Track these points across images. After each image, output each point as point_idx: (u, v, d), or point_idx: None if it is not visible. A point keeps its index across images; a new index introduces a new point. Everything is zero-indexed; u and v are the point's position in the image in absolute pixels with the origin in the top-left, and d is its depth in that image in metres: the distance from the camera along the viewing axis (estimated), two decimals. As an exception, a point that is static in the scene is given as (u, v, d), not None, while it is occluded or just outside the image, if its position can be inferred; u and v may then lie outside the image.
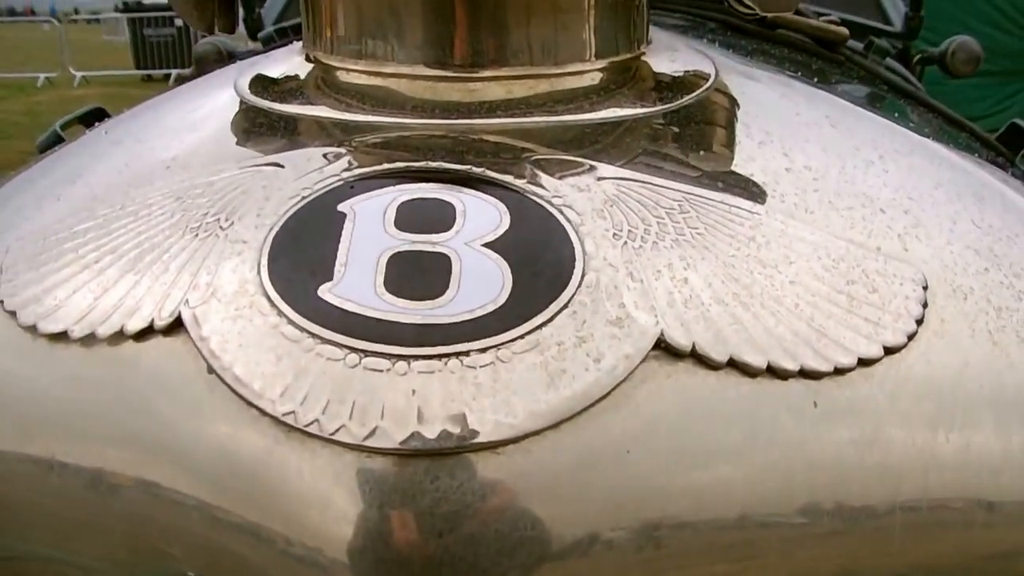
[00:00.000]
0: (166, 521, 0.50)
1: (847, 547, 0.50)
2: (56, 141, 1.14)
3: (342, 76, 0.67)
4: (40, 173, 0.73)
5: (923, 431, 0.52)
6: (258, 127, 0.66)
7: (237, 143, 0.66)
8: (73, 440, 0.52)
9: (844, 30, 1.20)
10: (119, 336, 0.52)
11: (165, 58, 14.68)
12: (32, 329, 0.54)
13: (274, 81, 0.72)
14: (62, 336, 0.53)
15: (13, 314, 0.56)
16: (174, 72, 14.50)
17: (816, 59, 1.19)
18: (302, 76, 0.71)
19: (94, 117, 1.21)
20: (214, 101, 0.72)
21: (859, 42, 1.52)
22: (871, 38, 1.57)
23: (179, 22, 14.42)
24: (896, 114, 1.06)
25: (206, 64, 1.65)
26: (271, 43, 1.43)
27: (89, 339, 0.53)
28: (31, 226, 0.62)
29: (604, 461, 0.47)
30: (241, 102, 0.69)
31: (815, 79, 1.06)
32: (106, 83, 14.18)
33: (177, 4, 0.65)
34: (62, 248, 0.58)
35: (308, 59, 0.71)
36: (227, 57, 1.63)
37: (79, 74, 14.46)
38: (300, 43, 0.76)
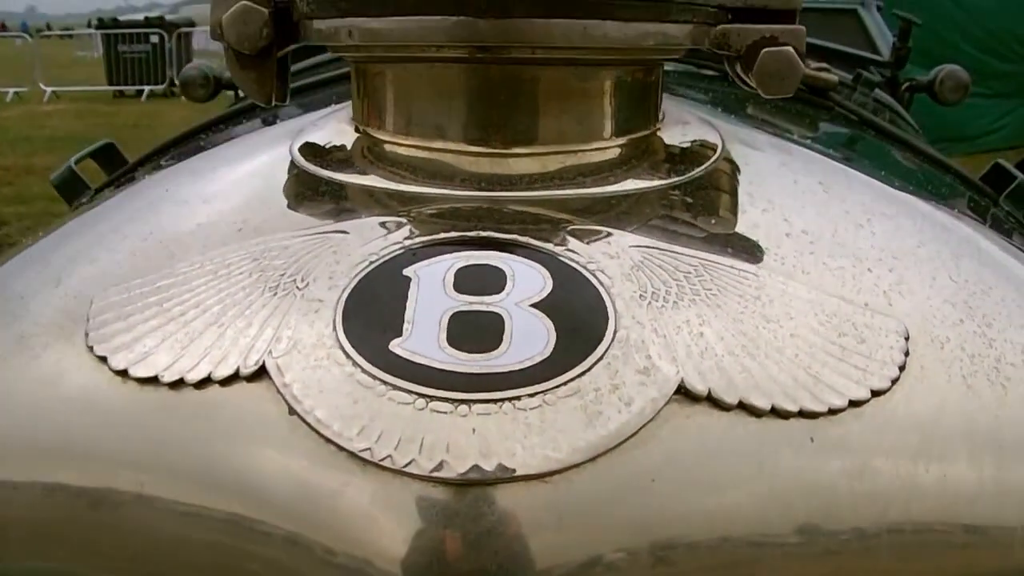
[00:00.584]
0: (249, 549, 0.54)
1: (839, 565, 0.56)
2: (72, 178, 1.20)
3: (390, 148, 0.73)
4: (101, 222, 0.78)
5: (906, 463, 0.57)
6: (321, 195, 0.72)
7: (304, 210, 0.72)
8: (161, 473, 0.56)
9: (833, 78, 1.26)
10: (206, 382, 0.57)
11: (138, 75, 14.50)
12: (123, 373, 0.59)
13: (327, 150, 0.79)
14: (152, 380, 0.58)
15: (104, 359, 0.60)
16: (147, 88, 14.41)
17: (808, 106, 1.27)
18: (349, 146, 0.77)
19: (105, 152, 1.27)
20: (270, 165, 0.78)
21: (848, 73, 1.60)
22: (859, 71, 1.65)
23: (154, 39, 14.27)
24: (883, 161, 1.14)
25: (192, 88, 1.73)
26: None
27: (178, 384, 0.58)
28: (110, 279, 0.67)
29: (633, 490, 0.54)
30: (296, 167, 0.76)
31: (808, 130, 1.15)
32: (75, 99, 14.01)
33: (239, 81, 0.71)
34: (147, 301, 0.63)
35: (357, 130, 0.78)
36: (213, 81, 1.72)
37: (49, 89, 14.28)
38: (343, 110, 0.83)
